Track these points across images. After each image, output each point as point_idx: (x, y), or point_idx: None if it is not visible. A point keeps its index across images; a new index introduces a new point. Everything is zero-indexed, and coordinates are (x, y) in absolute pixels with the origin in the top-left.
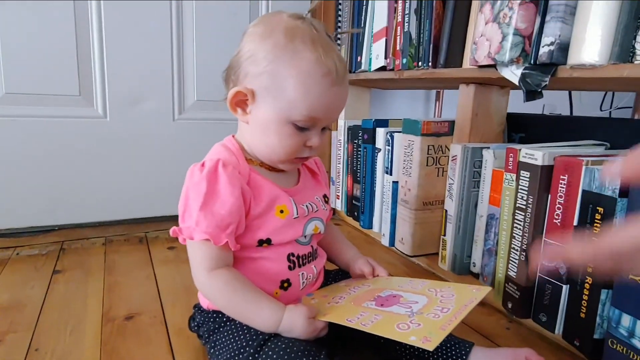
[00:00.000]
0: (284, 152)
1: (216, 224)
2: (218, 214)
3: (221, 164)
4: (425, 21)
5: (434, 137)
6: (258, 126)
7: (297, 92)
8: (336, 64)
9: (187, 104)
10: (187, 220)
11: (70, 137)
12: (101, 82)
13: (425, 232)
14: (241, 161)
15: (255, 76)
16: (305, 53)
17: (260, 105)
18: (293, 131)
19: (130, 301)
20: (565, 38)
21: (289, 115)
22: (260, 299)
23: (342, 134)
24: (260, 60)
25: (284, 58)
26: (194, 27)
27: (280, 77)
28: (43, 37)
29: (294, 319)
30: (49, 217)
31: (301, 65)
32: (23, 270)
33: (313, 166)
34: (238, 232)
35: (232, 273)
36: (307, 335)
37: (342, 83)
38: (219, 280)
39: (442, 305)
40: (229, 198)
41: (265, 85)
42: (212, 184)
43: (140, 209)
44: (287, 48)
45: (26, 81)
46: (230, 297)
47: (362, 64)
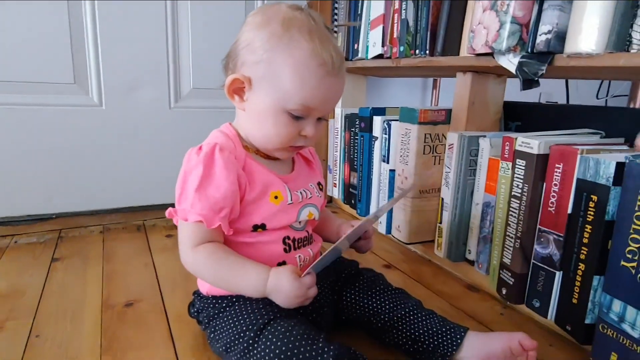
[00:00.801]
0: (279, 141)
1: (210, 207)
2: (212, 197)
3: (218, 148)
4: (423, 8)
5: (430, 126)
6: (254, 114)
7: (292, 82)
8: (332, 55)
9: (183, 92)
10: (182, 202)
11: (66, 125)
12: (96, 70)
13: (422, 220)
14: (238, 147)
15: (252, 64)
16: (301, 43)
17: (257, 93)
18: (288, 120)
19: (130, 288)
20: (562, 26)
21: (285, 104)
22: (244, 263)
23: (339, 122)
24: (257, 49)
25: (280, 47)
26: (189, 15)
27: (276, 66)
28: (36, 23)
29: (280, 276)
30: (46, 205)
31: (297, 55)
32: (21, 259)
33: (308, 155)
34: (232, 216)
35: (215, 244)
36: (295, 292)
37: (338, 74)
38: (202, 253)
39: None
40: (223, 182)
41: (261, 73)
42: (208, 168)
43: (137, 197)
44: (283, 37)
45: (20, 68)
46: (215, 268)
47: (359, 52)
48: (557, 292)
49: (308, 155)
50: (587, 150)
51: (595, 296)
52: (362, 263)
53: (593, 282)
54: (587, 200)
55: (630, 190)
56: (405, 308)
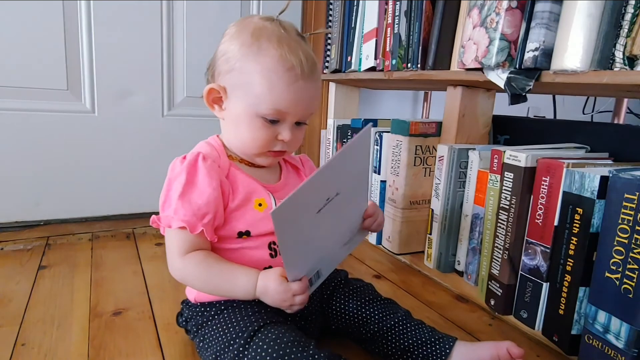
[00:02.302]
0: (256, 145)
1: (193, 213)
2: (195, 203)
3: (201, 157)
4: (415, 23)
5: (421, 138)
6: (232, 121)
7: (262, 87)
8: (302, 60)
9: (176, 100)
10: (166, 209)
11: (58, 131)
12: (89, 77)
13: (412, 231)
14: (222, 156)
15: (226, 74)
16: (269, 50)
17: (232, 101)
18: (262, 124)
19: (118, 296)
20: (549, 44)
21: (257, 109)
22: (234, 268)
23: (332, 133)
24: (230, 59)
25: (250, 56)
26: (184, 23)
27: (247, 73)
28: (31, 29)
29: (268, 277)
30: (34, 212)
31: (265, 62)
32: (8, 266)
33: (297, 162)
34: (216, 223)
35: (204, 252)
36: (280, 296)
37: (310, 78)
38: (192, 261)
39: None
40: (206, 189)
41: (234, 81)
42: (191, 175)
43: (127, 204)
44: (252, 46)
45: (13, 74)
46: (206, 274)
47: (352, 64)
48: (544, 303)
49: (297, 163)
50: (572, 164)
51: (581, 307)
52: (352, 273)
53: (579, 293)
54: (573, 212)
55: (614, 203)
56: (395, 318)
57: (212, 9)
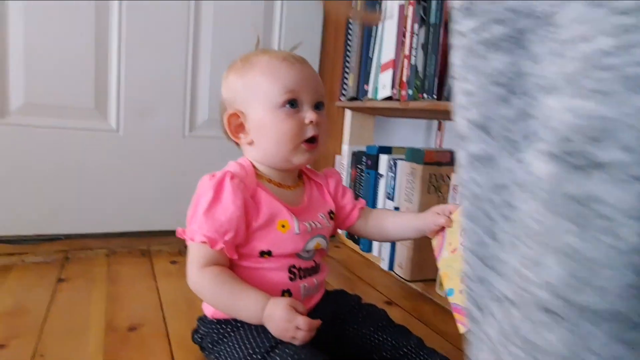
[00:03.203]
0: (288, 138)
1: (215, 229)
2: (218, 219)
3: (229, 176)
4: (432, 56)
5: (435, 166)
6: (259, 130)
7: (267, 81)
8: (288, 54)
9: (198, 122)
10: (192, 223)
11: (82, 148)
12: (116, 97)
13: (424, 258)
14: (250, 176)
15: (234, 97)
16: (259, 58)
17: (251, 114)
18: (285, 114)
19: (133, 312)
20: None
21: (272, 100)
22: (247, 290)
23: (346, 159)
24: (231, 87)
25: (245, 70)
26: (210, 46)
27: (250, 82)
28: (64, 50)
29: (277, 304)
30: (56, 225)
31: (261, 65)
32: (28, 278)
33: (320, 179)
34: (238, 241)
35: (221, 268)
36: (284, 324)
37: (304, 63)
38: (208, 275)
39: None
40: (230, 206)
41: (244, 97)
42: (217, 192)
43: (144, 222)
44: (245, 65)
45: (45, 92)
46: (218, 289)
47: (369, 93)
48: None
49: (321, 179)
50: None
51: None
52: (363, 298)
53: None
54: None
55: None
56: (408, 345)
57: (236, 34)
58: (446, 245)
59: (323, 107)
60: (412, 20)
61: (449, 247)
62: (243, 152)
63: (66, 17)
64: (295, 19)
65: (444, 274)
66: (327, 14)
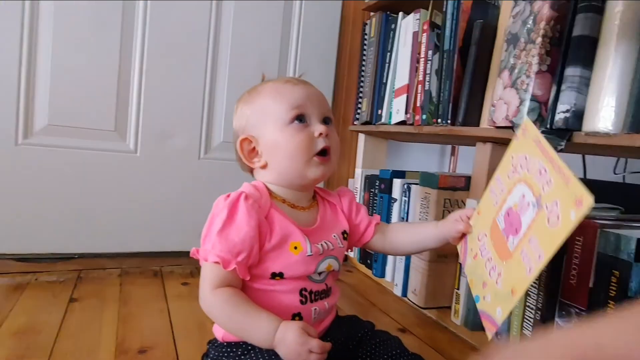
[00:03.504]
0: (301, 151)
1: (228, 249)
2: (232, 240)
3: (243, 196)
4: (446, 82)
5: (450, 191)
6: (272, 150)
7: (273, 102)
8: (292, 77)
9: (213, 144)
10: (206, 243)
11: (100, 169)
12: (136, 119)
13: (439, 284)
14: (264, 197)
15: (244, 124)
16: (265, 85)
17: (263, 138)
18: (295, 128)
19: (144, 334)
20: (580, 106)
21: (281, 119)
22: (259, 312)
23: (359, 182)
24: (241, 114)
25: (252, 98)
26: (226, 70)
27: (258, 107)
28: (89, 74)
29: (289, 327)
30: (70, 245)
31: (266, 90)
32: (41, 297)
33: (334, 198)
34: (251, 262)
35: (234, 290)
36: (297, 347)
37: (307, 83)
38: (221, 296)
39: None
40: (244, 227)
41: (253, 122)
42: (231, 213)
43: (156, 242)
44: (252, 94)
45: (68, 114)
46: (230, 311)
47: (383, 117)
48: None
49: (334, 198)
50: (607, 224)
51: None
52: (377, 325)
53: None
54: (609, 275)
55: None
56: None
57: (253, 60)
58: (469, 252)
59: (331, 122)
60: (426, 47)
61: (471, 253)
62: (257, 177)
63: (93, 41)
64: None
65: (470, 281)
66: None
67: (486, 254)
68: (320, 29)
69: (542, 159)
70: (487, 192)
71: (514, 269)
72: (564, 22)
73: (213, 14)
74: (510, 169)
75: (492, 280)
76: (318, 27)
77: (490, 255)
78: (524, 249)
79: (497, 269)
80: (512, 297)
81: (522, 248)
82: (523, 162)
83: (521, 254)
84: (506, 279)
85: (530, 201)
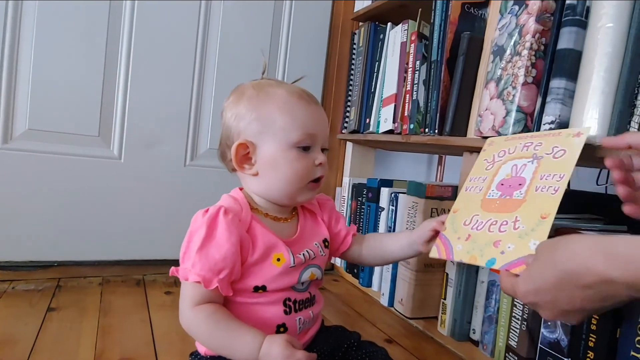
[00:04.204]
0: (299, 178)
1: (209, 268)
2: (213, 258)
3: (222, 211)
4: (433, 92)
5: (437, 200)
6: (268, 167)
7: (285, 119)
8: (304, 92)
9: (199, 151)
10: (185, 261)
11: (83, 175)
12: (120, 125)
13: (425, 294)
14: (244, 210)
15: (246, 128)
16: (276, 91)
17: (262, 148)
18: (297, 155)
19: (124, 345)
20: (564, 118)
21: (289, 140)
22: (241, 328)
23: (347, 191)
24: (244, 115)
25: (261, 102)
26: (214, 79)
27: (266, 116)
28: (71, 78)
29: (274, 341)
30: (50, 252)
31: (277, 100)
32: (18, 306)
33: (314, 207)
34: (233, 277)
35: (215, 306)
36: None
37: (317, 104)
38: (202, 313)
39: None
40: (224, 243)
41: (257, 130)
42: (210, 229)
43: (139, 250)
44: (260, 95)
45: (50, 119)
46: (212, 329)
47: (371, 126)
48: None
49: (314, 207)
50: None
51: None
52: (363, 336)
53: None
54: None
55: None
56: None
57: (243, 68)
58: (454, 241)
59: (327, 148)
60: (414, 57)
61: (458, 241)
62: (242, 181)
63: (77, 44)
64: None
65: (471, 258)
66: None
67: (485, 224)
68: (309, 38)
69: (521, 142)
70: (461, 192)
71: (533, 204)
72: (549, 35)
73: (201, 20)
74: (485, 165)
75: (507, 233)
76: (307, 36)
77: (493, 220)
78: (537, 186)
79: (509, 221)
80: (544, 222)
81: (534, 187)
82: (502, 153)
83: (536, 191)
84: (527, 216)
85: (526, 162)
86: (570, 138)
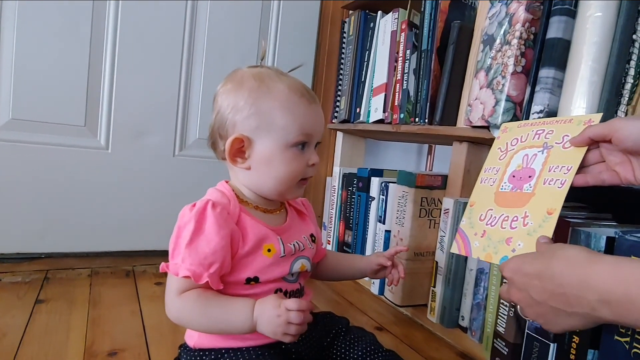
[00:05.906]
0: (292, 177)
1: (199, 262)
2: (202, 252)
3: (210, 205)
4: (424, 81)
5: (427, 190)
6: (262, 163)
7: (285, 118)
8: (305, 88)
9: (188, 141)
10: (175, 257)
11: (70, 166)
12: (107, 114)
13: (415, 283)
14: (232, 202)
15: (243, 121)
16: (277, 85)
17: (258, 144)
18: (295, 153)
19: (114, 337)
20: (553, 107)
21: (287, 139)
22: (231, 299)
23: (337, 181)
24: (242, 107)
25: (262, 96)
26: (202, 68)
27: (266, 112)
28: (56, 66)
29: (265, 301)
30: (37, 244)
31: (279, 96)
32: (5, 298)
33: (300, 207)
34: (223, 271)
35: (200, 289)
36: (274, 311)
37: (316, 102)
38: (190, 297)
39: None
40: (214, 237)
41: (255, 125)
42: (199, 223)
43: (129, 241)
44: (261, 87)
45: (34, 108)
46: (203, 307)
47: (361, 116)
48: None
49: (300, 207)
50: (578, 223)
51: None
52: (353, 323)
53: (588, 356)
54: None
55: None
56: None
57: (231, 53)
58: (471, 237)
59: (321, 140)
60: (405, 46)
61: (475, 237)
62: (231, 172)
63: (62, 33)
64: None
65: (487, 256)
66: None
67: (498, 220)
68: (298, 27)
69: (534, 128)
70: (477, 184)
71: (540, 199)
72: (538, 24)
73: (189, 6)
74: (499, 154)
75: (517, 230)
76: (296, 25)
77: (505, 215)
78: (545, 179)
79: (519, 217)
80: (550, 218)
81: (542, 180)
82: (514, 142)
83: (544, 184)
84: (535, 211)
85: (537, 151)
86: (582, 126)
